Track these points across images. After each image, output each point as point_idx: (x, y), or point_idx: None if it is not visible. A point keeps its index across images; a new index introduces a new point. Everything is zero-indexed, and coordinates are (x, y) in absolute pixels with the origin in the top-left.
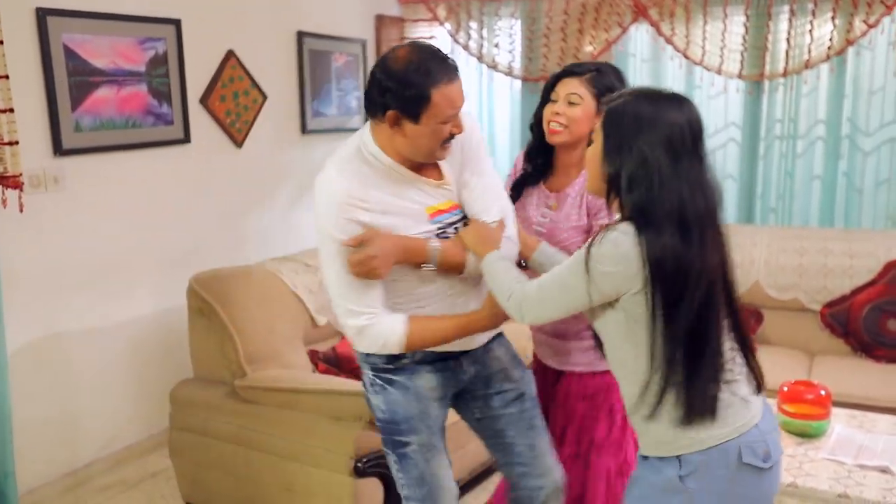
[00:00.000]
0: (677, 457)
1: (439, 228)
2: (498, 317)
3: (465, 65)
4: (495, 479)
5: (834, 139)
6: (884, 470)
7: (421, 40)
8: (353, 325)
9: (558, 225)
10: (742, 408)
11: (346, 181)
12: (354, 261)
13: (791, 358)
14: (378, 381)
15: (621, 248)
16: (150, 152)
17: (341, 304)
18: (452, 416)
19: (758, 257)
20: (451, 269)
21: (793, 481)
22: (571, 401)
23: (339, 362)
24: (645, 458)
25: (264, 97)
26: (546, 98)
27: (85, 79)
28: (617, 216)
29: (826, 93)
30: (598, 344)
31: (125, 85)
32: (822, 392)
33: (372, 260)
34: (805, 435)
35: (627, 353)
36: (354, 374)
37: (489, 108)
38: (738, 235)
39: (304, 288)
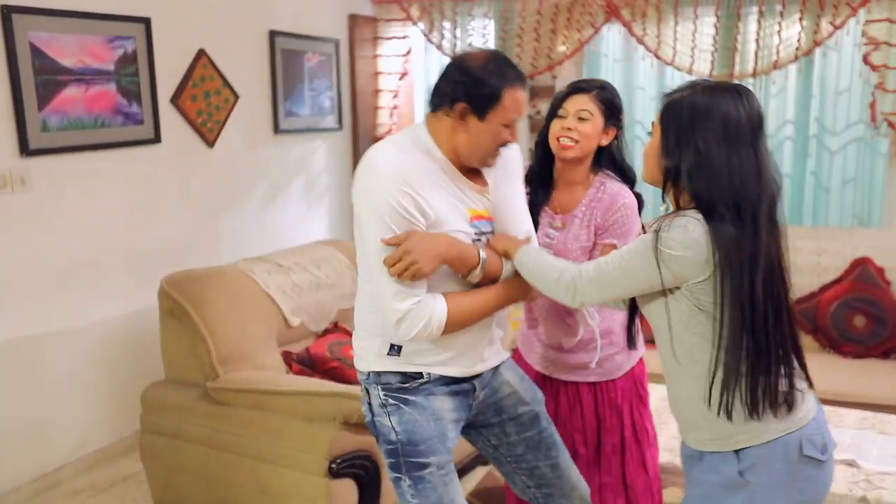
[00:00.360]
0: (735, 451)
1: (476, 234)
2: (531, 287)
3: (439, 64)
4: (473, 478)
5: (802, 139)
6: (850, 463)
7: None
8: (401, 307)
9: (567, 246)
10: (801, 400)
11: (406, 160)
12: (392, 259)
13: None
14: (391, 400)
15: (693, 233)
16: (119, 152)
17: (390, 283)
18: None
19: None
20: (490, 280)
21: None
22: (586, 412)
23: (312, 363)
24: (699, 456)
25: (236, 97)
26: (553, 114)
27: (52, 77)
28: (669, 208)
29: (794, 93)
30: (630, 341)
31: (93, 84)
32: None
33: (409, 255)
34: None
35: (686, 344)
36: (328, 374)
37: None
38: None
39: (277, 288)
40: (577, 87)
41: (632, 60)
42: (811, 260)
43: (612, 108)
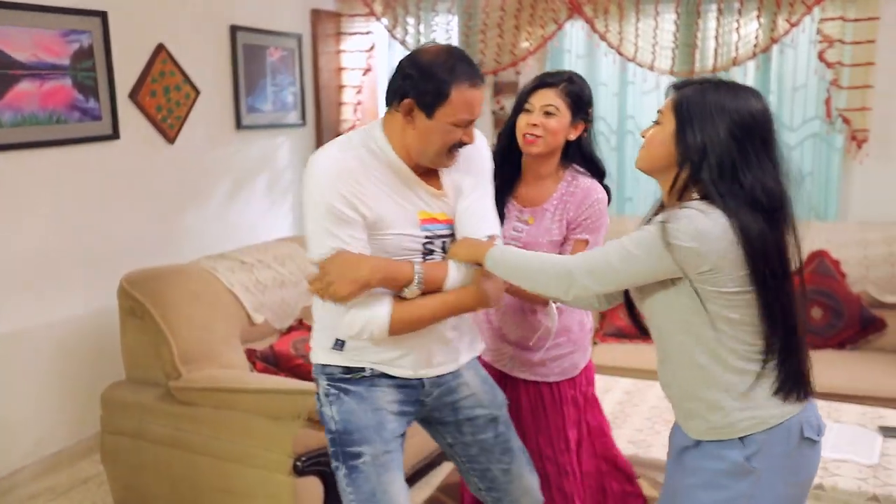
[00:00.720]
0: (740, 438)
1: (427, 237)
2: (485, 296)
3: None
4: (440, 473)
5: None
6: None
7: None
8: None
9: (537, 239)
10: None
11: (347, 159)
12: (312, 279)
13: None
14: (333, 390)
15: (697, 223)
16: (76, 149)
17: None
18: None
19: None
20: (432, 292)
21: None
22: (549, 411)
23: (277, 360)
24: (695, 444)
25: (197, 92)
26: (519, 108)
27: (4, 72)
28: (686, 197)
29: None
30: (638, 327)
31: (48, 79)
32: None
33: (328, 277)
34: None
35: (687, 334)
36: (293, 372)
37: None
38: None
39: (241, 286)
40: (543, 82)
41: (594, 56)
42: None
43: (579, 103)
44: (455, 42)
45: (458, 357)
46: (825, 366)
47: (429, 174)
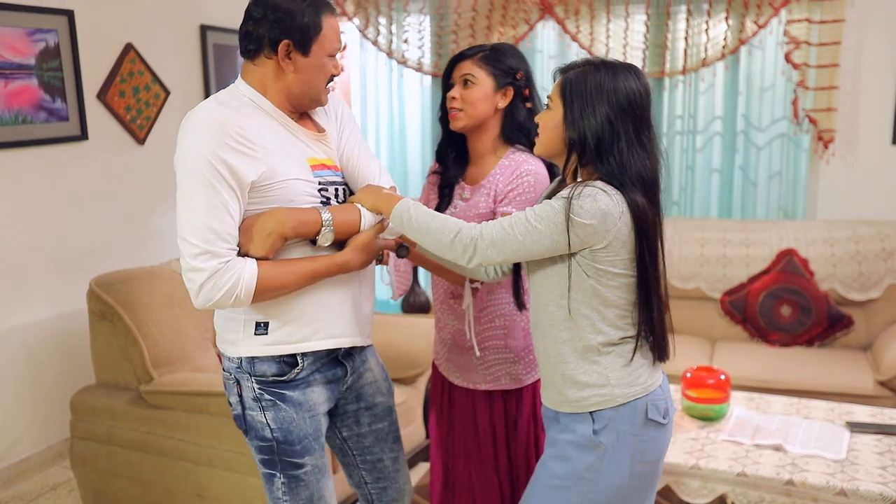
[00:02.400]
0: (591, 413)
1: (321, 184)
2: (350, 265)
3: (375, 60)
4: (417, 472)
5: (730, 134)
6: (777, 448)
7: None
8: (206, 266)
9: (467, 214)
10: (652, 369)
11: (227, 110)
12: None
13: (694, 345)
14: (267, 395)
15: (600, 203)
16: (43, 150)
17: (198, 243)
18: None
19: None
20: (344, 238)
21: (695, 463)
22: (480, 421)
23: None
24: (555, 416)
25: (167, 92)
26: (445, 86)
27: None
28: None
29: (722, 90)
30: (519, 305)
31: (13, 78)
32: (722, 377)
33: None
34: (707, 418)
35: (558, 308)
36: None
37: (399, 104)
38: None
39: None
40: (460, 55)
41: (566, 57)
42: (740, 251)
43: (500, 67)
44: (427, 42)
45: (369, 330)
46: (794, 363)
47: (302, 120)
